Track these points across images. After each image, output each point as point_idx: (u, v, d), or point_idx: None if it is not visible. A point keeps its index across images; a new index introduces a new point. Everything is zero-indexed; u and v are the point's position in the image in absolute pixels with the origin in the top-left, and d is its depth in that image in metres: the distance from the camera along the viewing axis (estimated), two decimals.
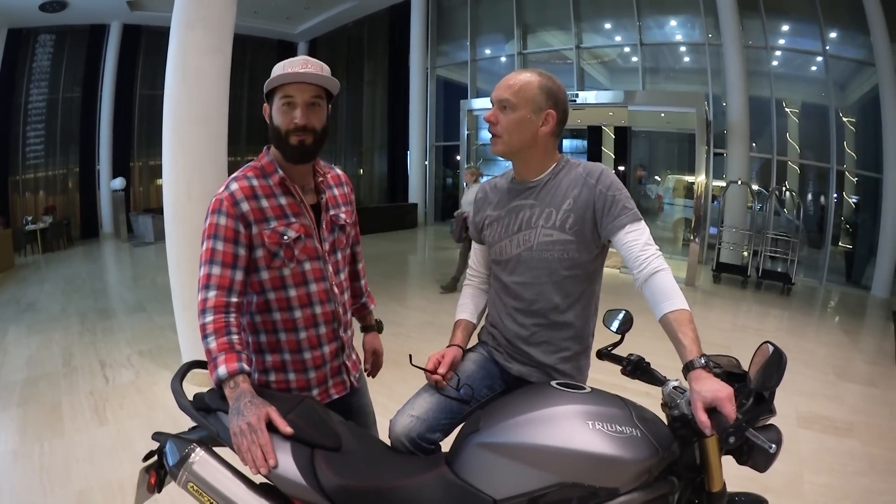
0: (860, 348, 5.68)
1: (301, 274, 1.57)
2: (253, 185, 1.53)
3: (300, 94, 1.50)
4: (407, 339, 5.20)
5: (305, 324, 1.60)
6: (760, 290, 8.11)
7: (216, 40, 3.94)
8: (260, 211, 1.51)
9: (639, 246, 1.48)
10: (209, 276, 1.45)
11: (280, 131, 1.52)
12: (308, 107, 1.51)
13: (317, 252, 1.60)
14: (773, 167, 9.61)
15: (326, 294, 1.62)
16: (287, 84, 1.50)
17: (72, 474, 2.95)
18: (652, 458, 1.25)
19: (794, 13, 9.62)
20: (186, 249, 3.96)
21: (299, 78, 1.49)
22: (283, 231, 1.52)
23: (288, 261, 1.54)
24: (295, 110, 1.50)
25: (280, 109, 1.52)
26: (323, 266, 1.61)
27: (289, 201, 1.56)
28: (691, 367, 1.28)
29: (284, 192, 1.56)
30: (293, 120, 1.50)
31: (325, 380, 1.68)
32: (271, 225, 1.51)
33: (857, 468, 3.19)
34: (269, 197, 1.54)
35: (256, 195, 1.52)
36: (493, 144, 1.63)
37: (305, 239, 1.56)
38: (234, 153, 15.66)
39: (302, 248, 1.56)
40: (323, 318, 1.62)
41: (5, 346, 5.10)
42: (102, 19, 13.18)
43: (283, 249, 1.53)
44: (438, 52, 14.35)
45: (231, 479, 1.28)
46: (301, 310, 1.59)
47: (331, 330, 1.65)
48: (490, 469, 1.27)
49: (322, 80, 1.51)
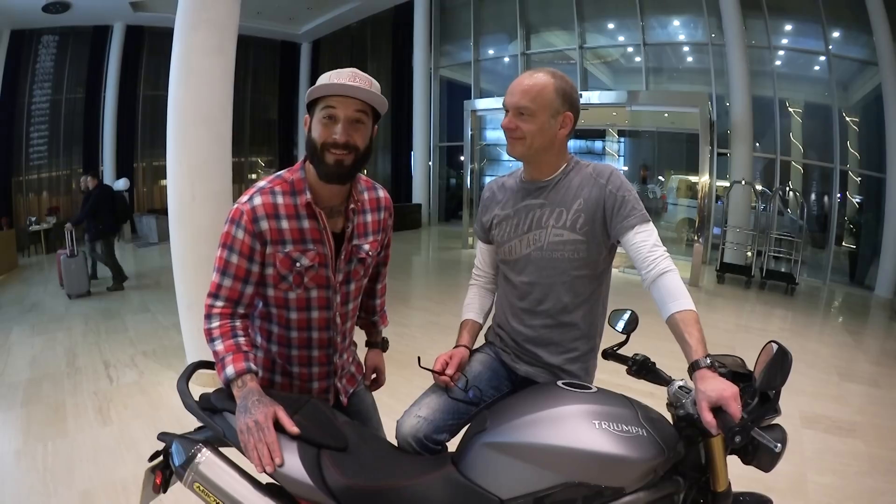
0: (864, 349, 5.67)
1: (306, 300, 1.53)
2: (277, 202, 1.45)
3: (344, 108, 1.39)
4: (412, 340, 5.20)
5: (299, 344, 1.59)
6: (764, 290, 8.09)
7: (220, 41, 3.94)
8: (278, 231, 1.45)
9: (647, 247, 1.48)
10: (220, 286, 1.44)
11: (316, 145, 1.42)
12: (350, 123, 1.41)
13: (328, 282, 1.53)
14: (777, 167, 9.60)
15: (327, 322, 1.58)
16: (331, 96, 1.39)
17: (75, 475, 2.95)
18: (658, 458, 1.25)
19: (796, 13, 9.61)
20: (190, 250, 3.97)
21: (345, 91, 1.38)
22: (297, 258, 1.47)
23: (296, 286, 1.50)
24: (336, 125, 1.40)
25: (321, 122, 1.41)
26: (331, 296, 1.55)
27: (311, 226, 1.48)
28: (696, 367, 1.28)
29: (309, 216, 1.47)
30: (332, 135, 1.40)
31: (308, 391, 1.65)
32: (286, 248, 1.46)
33: (861, 468, 3.19)
34: (292, 218, 1.46)
35: (278, 214, 1.45)
36: (513, 147, 1.60)
37: (319, 268, 1.50)
38: (238, 154, 15.70)
39: (312, 277, 1.50)
40: (318, 342, 1.60)
41: (9, 347, 5.12)
42: (106, 20, 13.20)
43: (293, 275, 1.48)
44: (442, 53, 14.35)
45: (237, 479, 1.28)
46: (298, 331, 1.57)
47: (324, 354, 1.62)
48: (496, 469, 1.27)
49: (369, 97, 1.41)
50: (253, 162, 17.10)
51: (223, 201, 4.05)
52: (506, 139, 1.62)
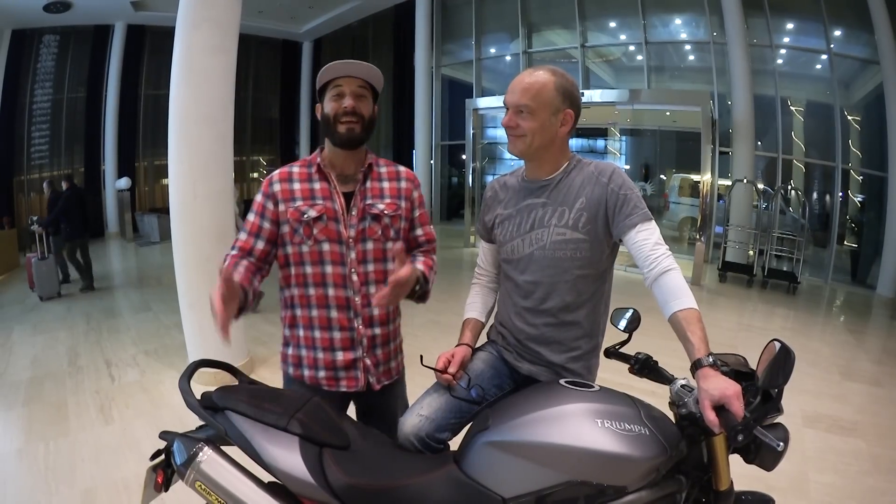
0: (865, 348, 5.66)
1: (318, 253, 1.67)
2: (292, 170, 1.72)
3: (348, 85, 1.65)
4: (413, 339, 5.15)
5: (317, 303, 1.69)
6: (766, 289, 8.08)
7: (221, 40, 3.95)
8: (290, 192, 1.68)
9: (649, 245, 1.48)
10: (237, 239, 1.70)
11: (330, 118, 1.66)
12: (356, 97, 1.66)
13: (339, 236, 1.67)
14: (779, 166, 9.57)
15: (343, 279, 1.67)
16: (337, 78, 1.66)
17: (77, 473, 2.96)
18: (660, 457, 1.25)
19: (798, 11, 9.57)
20: (192, 248, 3.97)
21: (347, 70, 1.65)
22: (305, 210, 1.65)
23: (306, 238, 1.66)
24: (344, 98, 1.65)
25: (331, 100, 1.67)
26: (344, 251, 1.67)
27: (322, 186, 1.69)
28: (699, 366, 1.28)
29: (321, 178, 1.70)
30: (342, 106, 1.64)
31: (333, 366, 1.69)
32: (296, 203, 1.66)
33: (862, 468, 3.19)
34: (304, 181, 1.70)
35: (291, 178, 1.70)
36: (513, 145, 1.61)
37: (327, 220, 1.66)
38: (239, 153, 15.70)
39: (322, 229, 1.66)
40: (335, 301, 1.67)
41: (10, 346, 5.13)
42: (107, 20, 13.18)
43: (303, 227, 1.65)
44: (443, 52, 14.32)
45: (239, 478, 1.29)
46: (315, 287, 1.68)
47: (344, 317, 1.68)
48: (498, 467, 1.27)
49: (366, 71, 1.66)
50: (254, 161, 17.06)
51: (225, 200, 4.06)
52: (507, 137, 1.62)
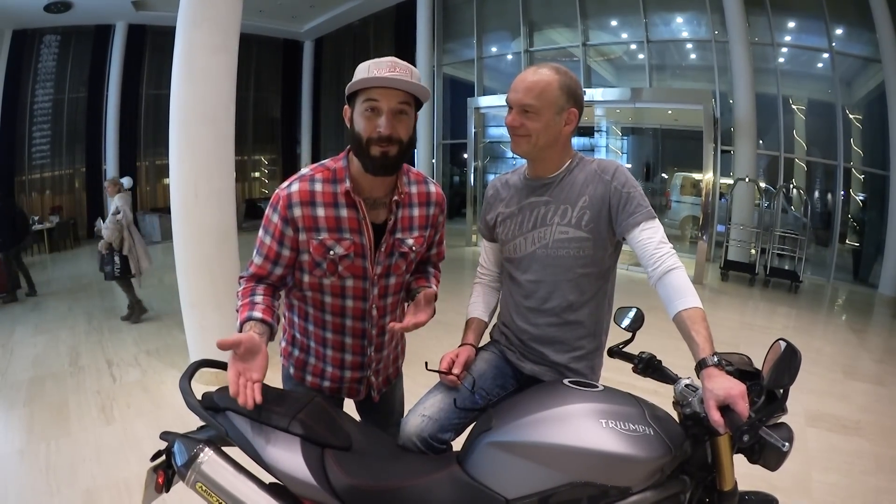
0: (868, 347, 5.65)
1: (340, 287, 1.54)
2: (314, 189, 1.45)
3: (386, 100, 1.37)
4: (415, 338, 5.16)
5: (333, 328, 1.60)
6: (768, 287, 8.07)
7: (222, 39, 3.94)
8: (313, 219, 1.45)
9: (653, 244, 1.47)
10: (253, 262, 1.52)
11: (361, 139, 1.40)
12: (394, 115, 1.39)
13: (364, 273, 1.52)
14: (781, 164, 9.54)
15: (362, 313, 1.58)
16: (372, 87, 1.37)
17: (78, 473, 2.96)
18: (665, 457, 1.24)
19: (799, 10, 9.54)
20: (194, 248, 3.97)
21: (386, 83, 1.35)
22: (331, 245, 1.46)
23: (329, 274, 1.50)
24: (379, 118, 1.38)
25: (363, 115, 1.39)
26: (367, 287, 1.55)
27: (350, 215, 1.47)
28: (704, 365, 1.27)
29: (348, 205, 1.47)
30: (377, 128, 1.38)
31: (339, 380, 1.67)
32: (320, 236, 1.45)
33: (866, 467, 3.18)
34: (329, 206, 1.45)
35: (314, 202, 1.45)
36: (517, 145, 1.59)
37: (354, 258, 1.49)
38: (241, 152, 15.69)
39: (348, 266, 1.50)
40: (352, 331, 1.61)
41: (11, 346, 5.13)
42: (107, 19, 13.17)
43: (327, 263, 1.48)
44: (445, 51, 14.29)
45: (240, 479, 1.28)
46: (332, 315, 1.58)
47: (358, 344, 1.62)
48: (502, 468, 1.26)
49: (411, 87, 1.38)
50: (256, 160, 17.06)
51: (226, 200, 4.05)
52: (510, 136, 1.60)
